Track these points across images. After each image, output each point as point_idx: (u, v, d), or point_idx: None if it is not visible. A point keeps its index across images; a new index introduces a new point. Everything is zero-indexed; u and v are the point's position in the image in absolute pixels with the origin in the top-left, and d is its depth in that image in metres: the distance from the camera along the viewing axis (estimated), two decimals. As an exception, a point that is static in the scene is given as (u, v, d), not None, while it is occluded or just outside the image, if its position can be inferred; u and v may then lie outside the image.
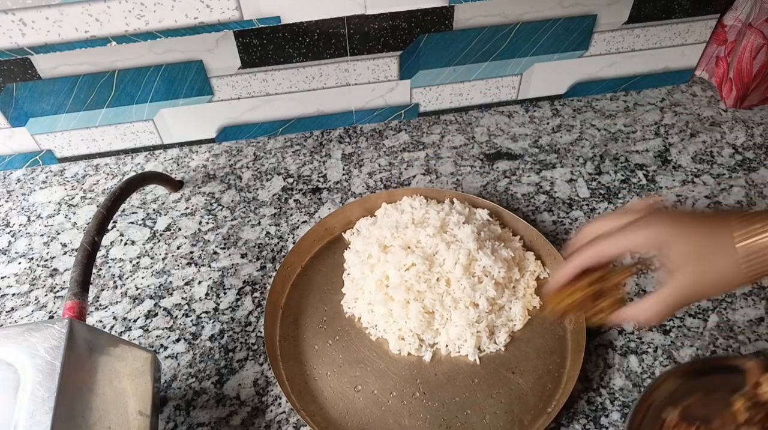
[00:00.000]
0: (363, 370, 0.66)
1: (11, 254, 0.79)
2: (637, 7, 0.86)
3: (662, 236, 0.46)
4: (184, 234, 0.80)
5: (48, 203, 0.85)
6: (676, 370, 0.58)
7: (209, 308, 0.72)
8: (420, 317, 0.66)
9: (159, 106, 0.85)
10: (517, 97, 0.96)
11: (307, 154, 0.90)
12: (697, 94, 0.97)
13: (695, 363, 0.59)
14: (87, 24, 0.60)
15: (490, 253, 0.69)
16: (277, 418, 0.63)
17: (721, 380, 0.57)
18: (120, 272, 0.76)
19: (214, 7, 0.61)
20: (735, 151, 0.87)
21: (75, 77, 0.79)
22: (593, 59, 0.92)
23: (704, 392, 0.57)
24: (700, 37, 0.92)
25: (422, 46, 0.84)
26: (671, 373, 0.58)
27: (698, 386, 0.58)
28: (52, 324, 0.49)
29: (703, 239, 0.46)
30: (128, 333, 0.70)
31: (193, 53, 0.79)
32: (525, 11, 0.82)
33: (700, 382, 0.58)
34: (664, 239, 0.46)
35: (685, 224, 0.47)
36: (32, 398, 0.45)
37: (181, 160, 0.90)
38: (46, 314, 0.72)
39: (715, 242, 0.45)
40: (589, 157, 0.88)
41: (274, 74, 0.84)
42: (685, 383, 0.58)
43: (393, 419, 0.62)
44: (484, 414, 0.62)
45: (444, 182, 0.85)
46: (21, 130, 0.84)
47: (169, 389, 0.65)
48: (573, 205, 0.81)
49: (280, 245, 0.78)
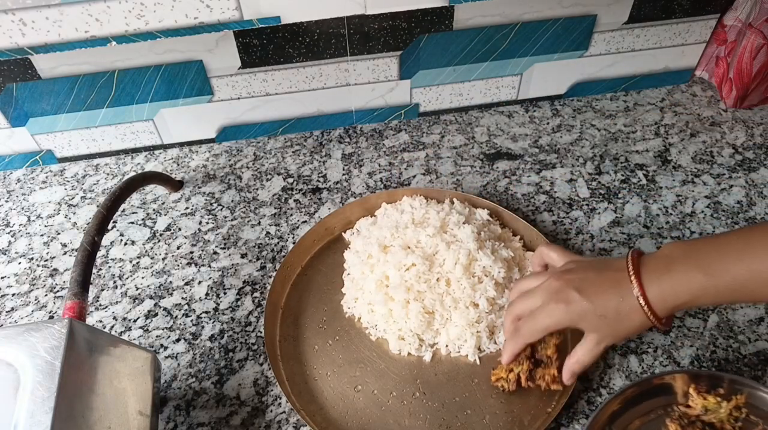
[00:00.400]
0: (363, 370, 0.66)
1: (11, 254, 0.79)
2: (637, 7, 0.86)
3: (569, 319, 0.54)
4: (184, 234, 0.80)
5: (48, 203, 0.85)
6: (616, 396, 0.58)
7: (209, 308, 0.72)
8: (420, 317, 0.66)
9: (159, 106, 0.85)
10: (517, 97, 0.96)
11: (307, 154, 0.90)
12: (697, 94, 0.97)
13: (632, 387, 0.58)
14: (87, 24, 0.60)
15: (490, 253, 0.69)
16: (277, 418, 0.63)
17: (656, 403, 0.59)
18: (120, 272, 0.76)
19: (214, 7, 0.61)
20: (735, 151, 0.87)
21: (75, 77, 0.79)
22: (593, 59, 0.92)
23: (640, 415, 0.59)
24: (700, 37, 0.92)
25: (422, 46, 0.84)
26: (611, 400, 0.58)
27: (635, 411, 0.59)
28: (52, 324, 0.49)
29: (607, 309, 0.53)
30: (128, 333, 0.70)
31: (193, 53, 0.79)
32: (525, 11, 0.82)
33: (637, 408, 0.59)
34: (571, 320, 0.54)
35: (588, 295, 0.53)
36: (32, 398, 0.45)
37: (181, 160, 0.90)
38: (46, 314, 0.72)
39: (619, 309, 0.52)
40: (589, 157, 0.88)
41: (274, 74, 0.84)
42: (623, 408, 0.58)
43: (393, 419, 0.62)
44: (484, 414, 0.62)
45: (444, 182, 0.85)
46: (21, 130, 0.84)
47: (169, 389, 0.65)
48: (573, 205, 0.81)
49: (280, 245, 0.78)
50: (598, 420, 0.57)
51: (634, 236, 0.77)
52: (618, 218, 0.79)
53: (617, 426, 0.58)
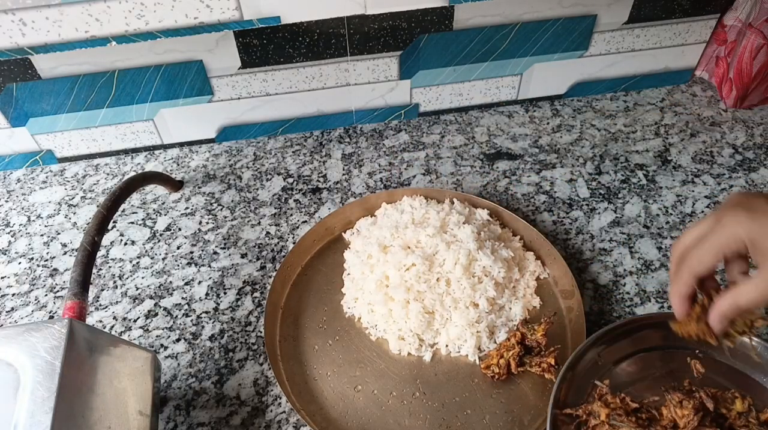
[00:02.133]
0: (363, 370, 0.66)
1: (11, 254, 0.79)
2: (637, 7, 0.86)
3: (748, 231, 0.44)
4: (184, 234, 0.80)
5: (48, 203, 0.85)
6: (592, 342, 0.59)
7: (209, 308, 0.72)
8: (420, 317, 0.66)
9: (159, 106, 0.85)
10: (517, 97, 0.96)
11: (307, 154, 0.90)
12: (697, 94, 0.97)
13: (605, 333, 0.60)
14: (87, 24, 0.60)
15: (490, 253, 0.69)
16: (277, 418, 0.63)
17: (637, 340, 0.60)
18: (120, 272, 0.76)
19: (214, 7, 0.61)
20: (735, 151, 0.87)
21: (75, 77, 0.79)
22: (593, 59, 0.92)
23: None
24: (700, 37, 0.92)
25: (422, 46, 0.84)
26: (589, 344, 0.59)
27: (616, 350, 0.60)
28: (52, 324, 0.49)
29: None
30: (128, 333, 0.70)
31: (193, 53, 0.79)
32: (525, 11, 0.82)
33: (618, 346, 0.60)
34: (750, 233, 0.44)
35: (765, 210, 0.44)
36: (32, 398, 0.45)
37: (181, 160, 0.90)
38: (46, 314, 0.72)
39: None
40: (589, 157, 0.88)
41: (274, 74, 0.84)
42: (604, 351, 0.60)
43: (393, 419, 0.62)
44: (484, 414, 0.62)
45: (444, 182, 0.85)
46: (21, 130, 0.84)
47: (169, 389, 0.65)
48: (573, 205, 0.81)
49: (280, 245, 0.78)
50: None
51: (634, 236, 0.77)
52: (618, 217, 0.79)
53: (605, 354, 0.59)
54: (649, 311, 0.69)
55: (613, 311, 0.69)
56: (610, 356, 0.60)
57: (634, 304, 0.70)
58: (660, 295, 0.71)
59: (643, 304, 0.70)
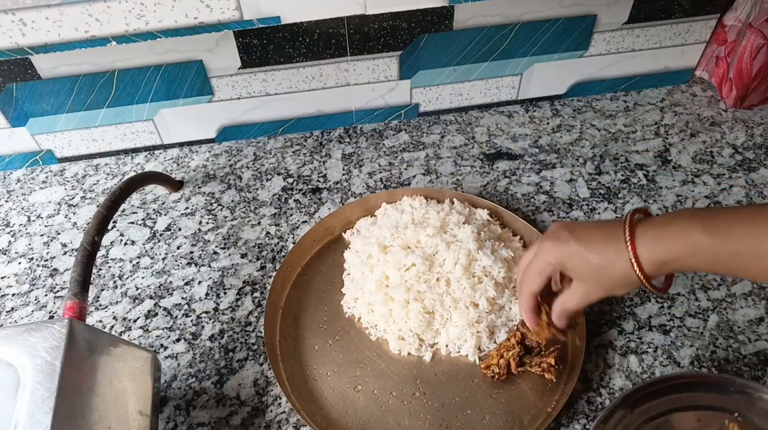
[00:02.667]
0: (363, 370, 0.66)
1: (11, 254, 0.79)
2: (637, 7, 0.86)
3: (555, 257, 0.53)
4: (184, 234, 0.80)
5: (48, 203, 0.85)
6: (624, 399, 0.57)
7: (209, 308, 0.72)
8: (420, 317, 0.66)
9: (159, 106, 0.85)
10: (517, 97, 0.96)
11: (307, 154, 0.90)
12: (697, 94, 0.97)
13: (637, 390, 0.57)
14: (87, 24, 0.60)
15: (490, 253, 0.69)
16: (277, 418, 0.63)
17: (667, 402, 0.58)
18: (120, 272, 0.76)
19: (214, 7, 0.61)
20: (735, 151, 0.87)
21: (75, 77, 0.79)
22: (593, 59, 0.92)
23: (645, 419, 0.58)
24: (700, 37, 0.92)
25: (422, 46, 0.84)
26: (618, 403, 0.57)
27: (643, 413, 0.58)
28: (52, 324, 0.49)
29: (592, 251, 0.50)
30: (128, 333, 0.70)
31: (193, 53, 0.79)
32: (525, 11, 0.82)
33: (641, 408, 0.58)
34: (557, 258, 0.53)
35: (578, 238, 0.51)
36: (32, 398, 0.45)
37: (181, 160, 0.90)
38: (46, 314, 0.72)
39: (605, 254, 0.49)
40: (589, 157, 0.88)
41: (274, 74, 0.84)
42: (631, 412, 0.57)
43: (393, 419, 0.62)
44: (484, 414, 0.62)
45: (444, 182, 0.85)
46: (21, 130, 0.84)
47: (169, 389, 0.65)
48: (573, 205, 0.81)
49: (280, 245, 0.78)
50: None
51: (634, 236, 0.77)
52: (618, 217, 0.79)
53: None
54: (648, 311, 0.69)
55: (613, 311, 0.69)
56: (642, 414, 0.58)
57: (634, 304, 0.70)
58: (660, 295, 0.71)
59: (643, 304, 0.70)
